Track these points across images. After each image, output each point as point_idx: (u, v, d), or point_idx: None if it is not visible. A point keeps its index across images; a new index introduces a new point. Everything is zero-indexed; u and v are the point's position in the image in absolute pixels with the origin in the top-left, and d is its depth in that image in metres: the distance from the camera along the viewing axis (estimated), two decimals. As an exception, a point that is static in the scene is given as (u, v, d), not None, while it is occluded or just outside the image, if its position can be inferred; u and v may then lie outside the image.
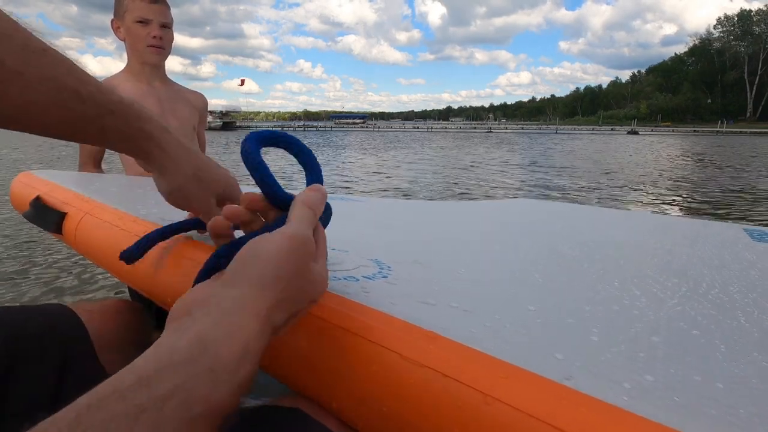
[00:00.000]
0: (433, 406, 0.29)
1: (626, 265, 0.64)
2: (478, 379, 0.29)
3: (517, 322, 0.38)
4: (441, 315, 0.37)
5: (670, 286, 0.55)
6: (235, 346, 0.27)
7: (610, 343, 0.35)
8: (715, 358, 0.35)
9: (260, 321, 0.28)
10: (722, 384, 0.31)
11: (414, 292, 0.42)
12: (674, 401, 0.27)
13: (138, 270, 0.53)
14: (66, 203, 0.68)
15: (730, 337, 0.40)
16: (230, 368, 0.26)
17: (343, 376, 0.34)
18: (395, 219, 0.95)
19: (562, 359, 0.31)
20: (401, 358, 0.32)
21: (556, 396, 0.27)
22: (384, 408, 0.32)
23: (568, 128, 65.02)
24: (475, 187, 6.58)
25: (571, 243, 0.80)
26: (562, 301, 0.46)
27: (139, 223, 0.57)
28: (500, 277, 0.53)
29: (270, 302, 0.29)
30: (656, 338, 0.38)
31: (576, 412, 0.26)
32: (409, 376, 0.31)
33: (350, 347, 0.34)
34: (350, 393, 0.34)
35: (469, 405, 0.28)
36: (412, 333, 0.34)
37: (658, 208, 5.02)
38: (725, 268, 0.67)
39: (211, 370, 0.25)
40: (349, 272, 0.45)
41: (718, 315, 0.46)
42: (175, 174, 0.47)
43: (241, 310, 0.28)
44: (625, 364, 0.32)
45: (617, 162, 11.07)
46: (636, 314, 0.44)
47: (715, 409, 0.27)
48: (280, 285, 0.30)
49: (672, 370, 0.32)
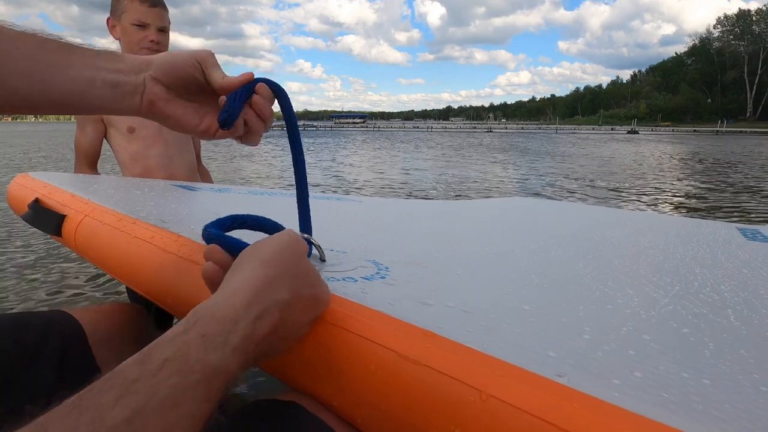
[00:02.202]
0: (429, 403, 0.30)
1: (620, 264, 0.65)
2: (473, 376, 0.30)
3: (513, 321, 0.39)
4: (438, 315, 0.38)
5: (662, 285, 0.55)
6: (227, 311, 0.29)
7: (602, 341, 0.36)
8: (704, 355, 0.36)
9: (255, 289, 0.31)
10: (709, 380, 0.31)
11: (412, 292, 0.43)
12: (662, 396, 0.28)
13: (137, 271, 0.54)
14: (65, 205, 0.68)
15: (720, 335, 0.41)
16: (222, 331, 0.27)
17: (342, 375, 0.35)
18: (393, 219, 0.96)
19: (555, 357, 0.32)
20: (399, 357, 0.33)
21: (549, 392, 0.28)
22: (382, 405, 0.32)
23: (569, 128, 65.08)
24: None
25: (567, 242, 0.81)
26: (556, 301, 0.47)
27: (138, 225, 0.58)
28: (496, 277, 0.54)
29: (267, 276, 0.33)
30: (647, 336, 0.38)
31: (567, 407, 0.27)
32: (407, 374, 0.32)
33: (349, 346, 0.35)
34: (349, 391, 0.35)
35: (464, 402, 0.29)
36: (410, 332, 0.34)
37: (655, 207, 5.03)
38: (718, 267, 0.68)
39: (202, 336, 0.27)
40: (348, 273, 0.46)
41: (709, 314, 0.47)
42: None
43: (237, 283, 0.31)
44: (615, 361, 0.33)
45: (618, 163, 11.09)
46: (628, 313, 0.44)
47: (702, 404, 0.28)
48: (275, 262, 0.34)
49: (661, 367, 0.33)
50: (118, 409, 0.22)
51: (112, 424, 0.21)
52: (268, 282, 0.32)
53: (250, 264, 0.34)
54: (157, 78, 0.44)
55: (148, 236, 0.55)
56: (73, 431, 0.21)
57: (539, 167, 9.47)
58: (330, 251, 0.52)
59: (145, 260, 0.53)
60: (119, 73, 0.43)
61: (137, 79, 0.44)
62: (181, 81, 0.45)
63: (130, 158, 1.38)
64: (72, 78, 0.41)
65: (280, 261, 0.35)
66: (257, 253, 0.35)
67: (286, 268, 0.34)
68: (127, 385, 0.23)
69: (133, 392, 0.23)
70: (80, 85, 0.41)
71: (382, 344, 0.34)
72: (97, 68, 0.42)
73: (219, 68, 0.46)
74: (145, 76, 0.44)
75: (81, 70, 0.41)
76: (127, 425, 0.22)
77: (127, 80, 0.43)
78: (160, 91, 0.45)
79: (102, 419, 0.21)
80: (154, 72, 0.44)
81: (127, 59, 0.44)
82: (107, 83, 0.42)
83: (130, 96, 0.44)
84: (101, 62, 0.42)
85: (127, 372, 0.24)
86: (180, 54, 0.45)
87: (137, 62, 0.44)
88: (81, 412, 0.22)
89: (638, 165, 10.17)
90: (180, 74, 0.45)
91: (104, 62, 0.42)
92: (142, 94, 0.44)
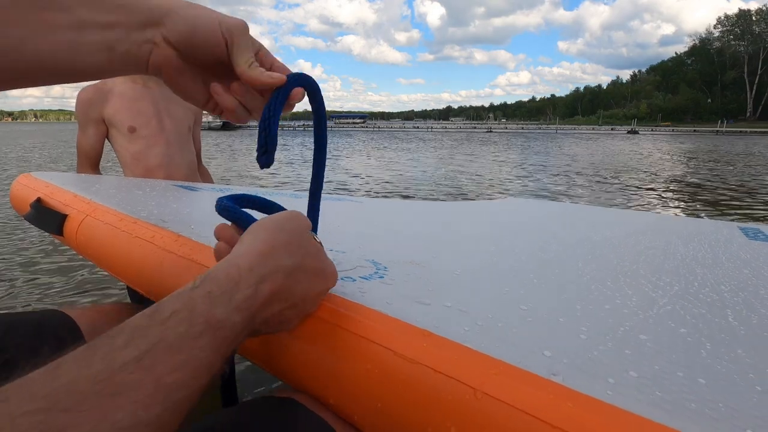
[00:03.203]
0: (425, 400, 0.31)
1: (620, 264, 0.65)
2: (469, 375, 0.30)
3: (509, 320, 0.39)
4: (435, 314, 0.39)
5: (662, 285, 0.56)
6: (231, 270, 0.31)
7: (598, 341, 0.36)
8: (700, 355, 0.36)
9: (259, 254, 0.33)
10: (704, 379, 0.32)
11: (409, 292, 0.44)
12: (656, 395, 0.28)
13: (137, 271, 0.54)
14: (67, 205, 0.69)
15: (717, 334, 0.41)
16: (227, 290, 0.29)
17: (340, 373, 0.35)
18: (391, 219, 0.96)
19: (550, 356, 0.33)
20: (396, 356, 0.33)
21: (542, 390, 0.28)
22: (379, 403, 0.33)
23: (569, 128, 65.03)
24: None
25: (566, 242, 0.81)
26: (554, 301, 0.47)
27: (139, 225, 0.58)
28: (494, 277, 0.54)
29: (270, 243, 0.34)
30: (644, 336, 0.39)
31: (560, 405, 0.27)
32: (404, 372, 0.32)
33: (347, 345, 0.35)
34: (346, 388, 0.35)
35: (460, 400, 0.29)
36: (407, 331, 0.35)
37: (654, 206, 5.03)
38: (718, 266, 0.68)
39: (208, 292, 0.29)
40: (347, 273, 0.46)
41: (708, 313, 0.47)
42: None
43: (243, 249, 0.33)
44: (611, 360, 0.33)
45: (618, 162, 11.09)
46: (626, 313, 0.45)
47: (695, 404, 0.28)
48: (279, 232, 0.35)
49: (656, 367, 0.33)
50: (129, 350, 0.24)
51: (123, 362, 0.23)
52: (270, 248, 0.34)
53: (255, 234, 0.36)
54: (170, 40, 0.36)
55: (148, 236, 0.56)
56: (87, 367, 0.22)
57: (540, 165, 9.47)
58: (329, 251, 0.52)
59: (145, 259, 0.53)
60: (115, 28, 0.34)
61: (142, 37, 0.35)
62: (199, 51, 0.37)
63: (132, 158, 1.39)
64: (52, 44, 0.32)
65: (284, 231, 0.36)
66: (262, 224, 0.37)
67: (289, 239, 0.36)
68: (137, 330, 0.25)
69: (142, 336, 0.25)
70: (63, 53, 0.32)
71: (380, 343, 0.34)
72: (81, 27, 0.32)
73: (248, 50, 0.38)
74: (155, 34, 0.35)
75: (63, 32, 0.32)
76: (137, 362, 0.24)
77: (127, 39, 0.34)
78: (171, 57, 0.37)
79: (114, 357, 0.23)
80: (167, 32, 0.35)
81: (131, 4, 0.34)
82: (99, 46, 0.33)
83: (133, 60, 0.35)
84: (90, 14, 0.33)
85: (137, 321, 0.26)
86: (206, 17, 0.36)
87: (146, 10, 0.35)
88: (94, 351, 0.24)
89: (638, 166, 10.16)
90: (200, 43, 0.36)
91: (94, 14, 0.33)
92: (149, 56, 0.36)
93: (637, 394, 0.28)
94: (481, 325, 0.37)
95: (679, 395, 0.29)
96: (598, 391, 0.28)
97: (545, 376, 0.29)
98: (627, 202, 5.26)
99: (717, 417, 0.27)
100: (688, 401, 0.28)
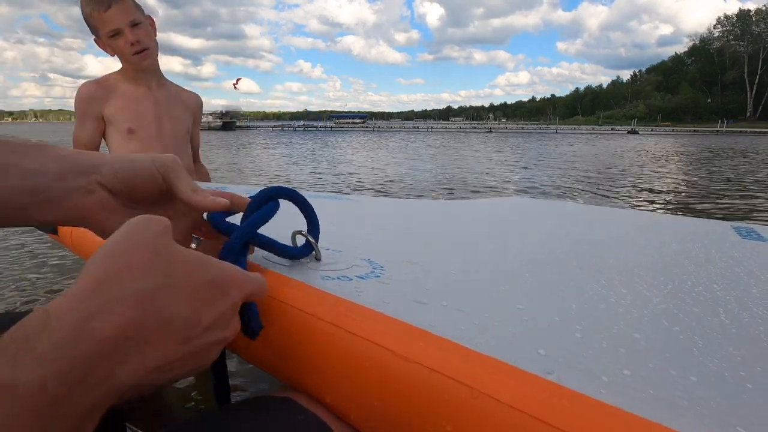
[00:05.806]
0: (422, 400, 0.31)
1: (615, 263, 0.66)
2: (465, 374, 0.30)
3: (506, 320, 0.39)
4: (432, 313, 0.39)
5: (656, 284, 0.56)
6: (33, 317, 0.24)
7: (592, 339, 0.37)
8: (692, 353, 0.37)
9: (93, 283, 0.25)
10: (696, 377, 0.32)
11: (406, 291, 0.44)
12: (649, 393, 0.29)
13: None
14: None
15: (710, 333, 0.42)
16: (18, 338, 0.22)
17: (336, 372, 0.36)
18: (388, 218, 0.96)
19: (545, 355, 0.33)
20: (392, 355, 0.33)
21: (537, 389, 0.28)
22: (375, 402, 0.33)
23: (569, 128, 65.06)
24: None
25: (562, 241, 0.81)
26: (550, 300, 0.48)
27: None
28: (491, 276, 0.55)
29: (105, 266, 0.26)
30: (638, 335, 0.39)
31: (555, 403, 0.27)
32: (400, 371, 0.32)
33: (343, 344, 0.36)
34: (343, 388, 0.35)
35: (456, 399, 0.29)
36: (404, 331, 0.35)
37: (649, 205, 5.04)
38: (712, 265, 0.69)
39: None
40: (343, 272, 0.47)
41: (700, 312, 0.47)
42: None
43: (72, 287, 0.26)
44: (605, 359, 0.33)
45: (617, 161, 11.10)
46: (620, 312, 0.45)
47: (687, 401, 0.28)
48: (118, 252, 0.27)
49: (650, 365, 0.33)
50: None
51: None
52: (104, 273, 0.26)
53: (92, 259, 0.27)
54: (105, 184, 0.37)
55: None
56: None
57: (539, 164, 9.48)
58: (325, 250, 0.52)
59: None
60: (41, 175, 0.34)
61: (71, 185, 0.36)
62: (136, 189, 0.39)
63: None
64: None
65: (125, 248, 0.27)
66: (101, 248, 0.28)
67: (135, 254, 0.27)
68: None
69: None
70: None
71: (376, 342, 0.34)
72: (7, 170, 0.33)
73: (186, 178, 0.39)
74: (89, 180, 0.37)
75: None
76: None
77: (53, 185, 0.35)
78: (106, 200, 0.37)
79: None
80: (102, 178, 0.37)
81: (67, 158, 0.36)
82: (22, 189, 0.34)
83: (57, 203, 0.35)
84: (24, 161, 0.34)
85: None
86: (139, 158, 0.39)
87: (85, 162, 0.37)
88: None
89: (637, 165, 10.17)
90: (137, 183, 0.38)
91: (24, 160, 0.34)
92: (77, 202, 0.36)
93: (631, 392, 0.29)
94: (478, 324, 0.38)
95: (671, 393, 0.29)
96: (592, 390, 0.28)
97: (540, 375, 0.30)
98: (623, 201, 5.27)
99: (708, 414, 0.27)
100: (680, 399, 0.29)
